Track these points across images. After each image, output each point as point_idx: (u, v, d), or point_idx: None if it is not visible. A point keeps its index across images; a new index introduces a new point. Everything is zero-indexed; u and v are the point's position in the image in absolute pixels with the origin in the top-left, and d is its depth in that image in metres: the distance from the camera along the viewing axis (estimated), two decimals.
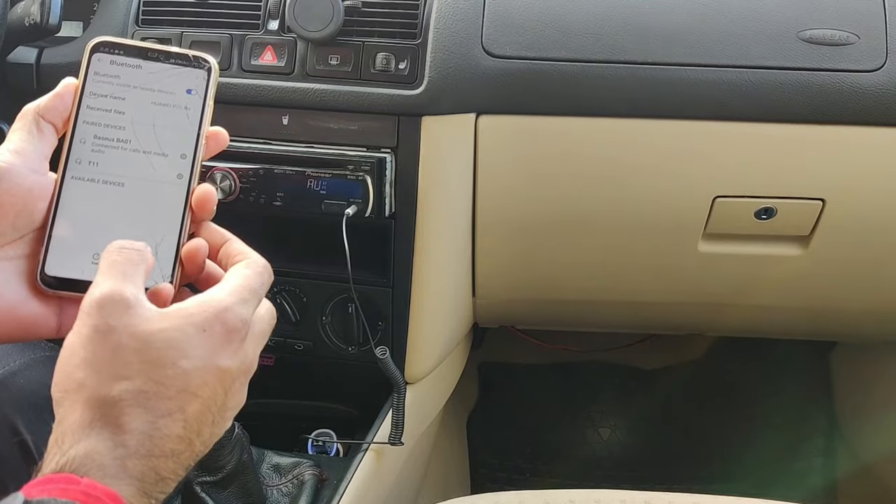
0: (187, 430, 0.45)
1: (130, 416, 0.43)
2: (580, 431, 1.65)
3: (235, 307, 0.47)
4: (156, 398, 0.44)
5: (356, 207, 0.95)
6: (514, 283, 1.16)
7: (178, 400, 0.44)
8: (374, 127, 0.96)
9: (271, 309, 0.53)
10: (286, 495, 0.96)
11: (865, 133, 0.97)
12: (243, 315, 0.47)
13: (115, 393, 0.43)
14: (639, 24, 0.95)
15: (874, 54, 0.94)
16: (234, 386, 0.48)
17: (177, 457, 0.45)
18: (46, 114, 0.50)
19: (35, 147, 0.49)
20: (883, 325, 1.28)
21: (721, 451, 1.61)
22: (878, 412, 1.50)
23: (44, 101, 0.50)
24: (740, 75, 0.94)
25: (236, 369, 0.47)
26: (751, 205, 1.03)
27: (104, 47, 0.51)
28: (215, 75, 0.52)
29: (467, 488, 1.58)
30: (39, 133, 0.49)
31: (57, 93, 0.51)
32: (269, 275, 0.52)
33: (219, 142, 0.54)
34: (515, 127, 0.98)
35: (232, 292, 0.48)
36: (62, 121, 0.50)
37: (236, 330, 0.47)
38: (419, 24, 0.95)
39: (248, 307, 0.48)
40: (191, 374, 0.45)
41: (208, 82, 0.51)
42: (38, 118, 0.50)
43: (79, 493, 0.40)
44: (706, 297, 1.20)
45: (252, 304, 0.49)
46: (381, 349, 0.99)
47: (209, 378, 0.46)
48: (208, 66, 0.52)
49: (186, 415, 0.45)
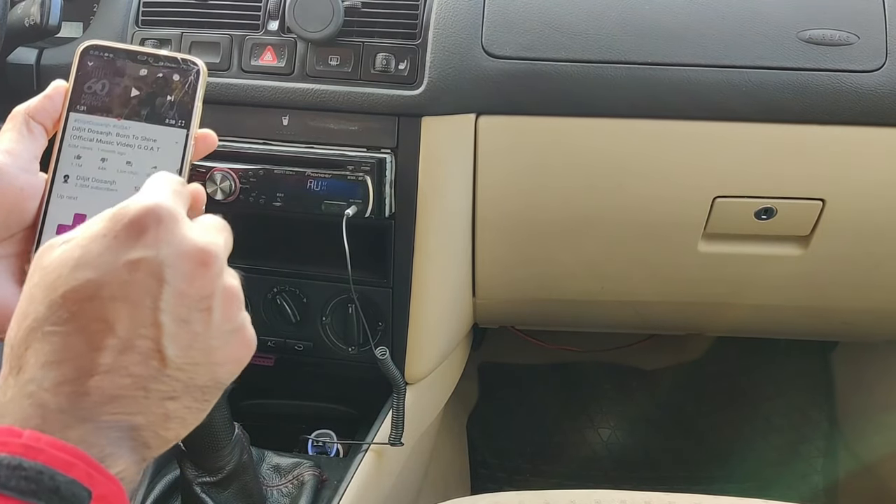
0: (125, 340, 0.41)
1: (32, 351, 0.40)
2: (580, 431, 1.65)
3: (133, 201, 0.43)
4: (50, 323, 0.40)
5: (356, 208, 0.95)
6: (514, 284, 1.16)
7: (88, 314, 0.40)
8: (374, 127, 0.96)
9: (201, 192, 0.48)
10: (286, 496, 0.96)
11: (865, 133, 0.97)
12: (145, 202, 0.42)
13: (21, 333, 0.41)
14: (638, 24, 0.95)
15: (874, 54, 0.94)
16: (178, 276, 0.42)
17: (143, 379, 0.41)
18: (36, 115, 0.50)
19: (25, 147, 0.50)
20: (883, 324, 1.28)
21: (721, 451, 1.61)
22: (879, 412, 1.50)
23: (33, 102, 0.51)
24: (740, 75, 0.94)
25: (160, 257, 0.41)
26: (751, 205, 1.03)
27: (94, 50, 0.52)
28: (203, 78, 0.52)
29: (467, 488, 1.58)
30: (30, 133, 0.50)
31: (47, 94, 0.51)
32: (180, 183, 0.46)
33: (207, 143, 0.53)
34: (515, 127, 0.98)
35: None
36: (52, 122, 0.51)
37: (139, 220, 0.42)
38: (419, 24, 0.95)
39: (155, 196, 0.43)
40: (96, 281, 0.41)
41: (197, 84, 0.52)
42: (28, 119, 0.50)
43: (18, 445, 0.38)
44: (706, 296, 1.20)
45: (161, 194, 0.44)
46: (381, 350, 0.99)
47: (124, 277, 0.41)
48: (196, 69, 0.52)
49: (111, 325, 0.41)
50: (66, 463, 0.38)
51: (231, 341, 0.44)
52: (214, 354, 0.43)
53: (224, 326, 0.44)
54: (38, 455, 0.38)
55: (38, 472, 0.37)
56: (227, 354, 0.44)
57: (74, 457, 0.39)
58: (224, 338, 0.44)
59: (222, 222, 0.47)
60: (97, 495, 0.39)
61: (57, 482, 0.38)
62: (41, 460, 0.38)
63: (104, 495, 0.39)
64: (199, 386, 0.43)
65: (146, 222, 0.42)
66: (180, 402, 0.43)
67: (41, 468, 0.37)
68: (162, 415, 0.42)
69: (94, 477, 0.39)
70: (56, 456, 0.38)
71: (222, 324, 0.44)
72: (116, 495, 0.40)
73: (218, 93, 0.97)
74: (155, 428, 0.42)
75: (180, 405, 0.43)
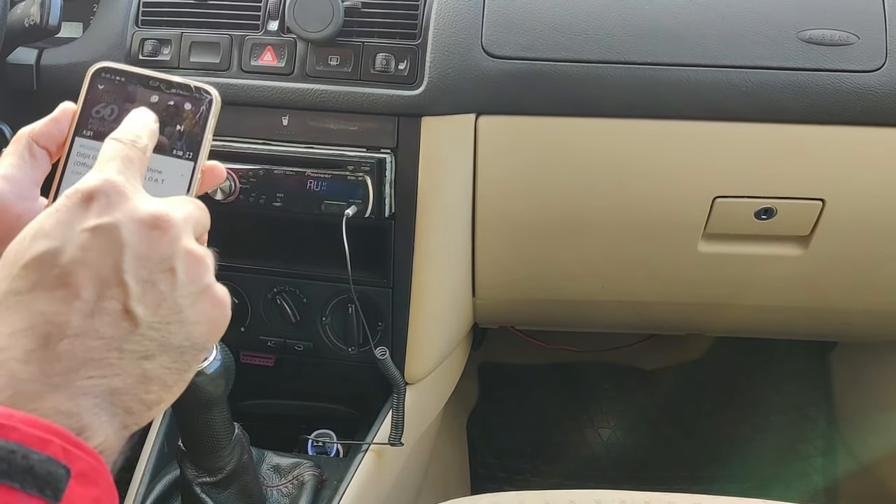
0: (92, 303, 0.40)
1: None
2: (580, 431, 1.66)
3: (84, 179, 0.43)
4: (14, 292, 0.40)
5: (356, 208, 0.95)
6: (514, 284, 1.16)
7: (51, 280, 0.40)
8: (374, 127, 0.96)
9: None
10: (286, 496, 0.96)
11: (865, 133, 0.97)
12: (95, 180, 0.43)
13: None
14: (638, 24, 0.95)
15: (874, 54, 0.94)
16: (135, 238, 0.42)
17: (115, 340, 0.41)
18: (40, 139, 0.49)
19: (26, 173, 0.49)
20: (882, 324, 1.28)
21: (721, 451, 1.61)
22: (878, 412, 1.50)
23: (39, 125, 0.49)
24: (740, 76, 0.94)
25: (116, 222, 0.42)
26: (751, 205, 1.03)
27: (105, 73, 0.50)
28: (216, 107, 0.50)
29: (467, 488, 1.58)
30: (32, 159, 0.49)
31: (53, 117, 0.50)
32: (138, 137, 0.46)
33: (215, 175, 0.53)
34: (515, 127, 0.98)
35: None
36: (56, 146, 0.50)
37: (93, 191, 0.42)
38: (419, 24, 0.95)
39: (104, 173, 0.43)
40: (55, 248, 0.41)
41: (209, 114, 0.50)
42: (32, 143, 0.49)
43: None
44: (706, 297, 1.20)
45: (110, 169, 0.44)
46: (380, 350, 0.99)
47: (83, 242, 0.41)
48: (209, 99, 0.50)
49: (76, 289, 0.40)
50: (40, 440, 0.37)
51: (200, 300, 0.44)
52: (185, 313, 0.43)
53: (190, 287, 0.44)
54: (11, 433, 0.37)
55: (11, 452, 0.36)
56: (198, 313, 0.44)
57: (49, 433, 0.38)
58: (192, 297, 0.44)
59: (191, 200, 0.48)
60: (76, 472, 0.38)
61: (31, 461, 0.37)
62: (13, 438, 0.37)
63: (83, 471, 0.38)
64: (175, 346, 0.43)
65: (98, 193, 0.42)
66: (157, 361, 0.42)
67: (13, 447, 0.36)
68: (140, 376, 0.42)
69: (72, 453, 0.38)
70: (29, 433, 0.37)
71: (188, 284, 0.44)
72: (97, 470, 0.39)
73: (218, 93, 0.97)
74: (135, 391, 0.42)
75: (157, 365, 0.42)
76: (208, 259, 0.46)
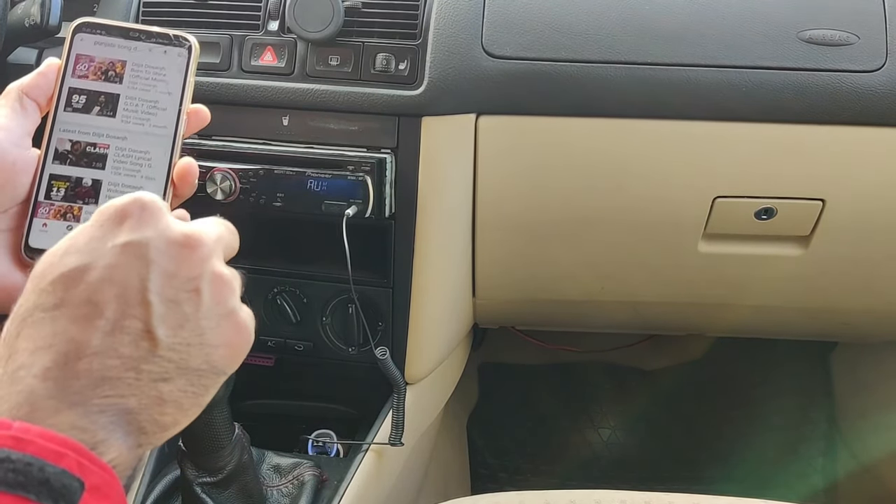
0: (114, 322, 0.41)
1: (22, 338, 0.41)
2: (580, 432, 1.66)
3: (118, 198, 0.44)
4: (40, 309, 0.41)
5: (356, 208, 0.95)
6: (514, 284, 1.16)
7: (76, 298, 0.41)
8: (374, 127, 0.96)
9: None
10: (286, 496, 0.96)
11: (865, 133, 0.97)
12: (134, 195, 0.44)
13: (14, 323, 0.41)
14: (638, 24, 0.95)
15: (874, 54, 0.94)
16: (164, 257, 0.42)
17: (134, 360, 0.41)
18: (30, 91, 0.51)
19: (18, 123, 0.50)
20: (883, 324, 1.28)
21: (721, 451, 1.61)
22: (879, 413, 1.50)
23: (27, 79, 0.52)
24: (740, 76, 0.94)
25: (145, 240, 0.42)
26: (751, 205, 1.03)
27: (87, 27, 0.53)
28: (195, 53, 0.53)
29: (467, 489, 1.58)
30: (23, 110, 0.51)
31: (40, 71, 0.52)
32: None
33: (200, 119, 0.54)
34: (515, 127, 0.98)
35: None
36: (45, 98, 0.52)
37: (124, 209, 0.43)
38: (419, 24, 0.95)
39: (140, 192, 0.44)
40: (84, 265, 0.41)
41: (189, 60, 0.53)
42: (22, 95, 0.51)
43: (7, 437, 0.38)
44: (706, 297, 1.20)
45: (146, 192, 0.45)
46: (381, 350, 0.99)
47: (111, 260, 0.41)
48: (189, 45, 0.53)
49: (100, 307, 0.41)
50: (55, 454, 0.38)
51: (223, 324, 0.44)
52: (206, 336, 0.43)
53: (215, 309, 0.44)
54: (28, 447, 0.37)
55: (27, 465, 0.37)
56: (219, 337, 0.44)
57: (65, 447, 0.38)
58: (215, 320, 0.44)
59: (222, 222, 0.48)
60: (90, 485, 0.38)
61: (46, 474, 0.37)
62: (30, 452, 0.37)
63: (97, 485, 0.39)
64: (193, 369, 0.43)
65: (131, 210, 0.43)
66: (174, 384, 0.42)
67: (30, 460, 0.37)
68: (156, 398, 0.42)
69: (86, 466, 0.38)
70: (45, 447, 0.38)
71: (213, 307, 0.44)
72: (110, 484, 0.39)
73: (218, 93, 0.97)
74: (150, 412, 0.42)
75: (174, 388, 0.42)
76: (235, 282, 0.46)
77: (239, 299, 0.46)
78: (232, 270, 0.46)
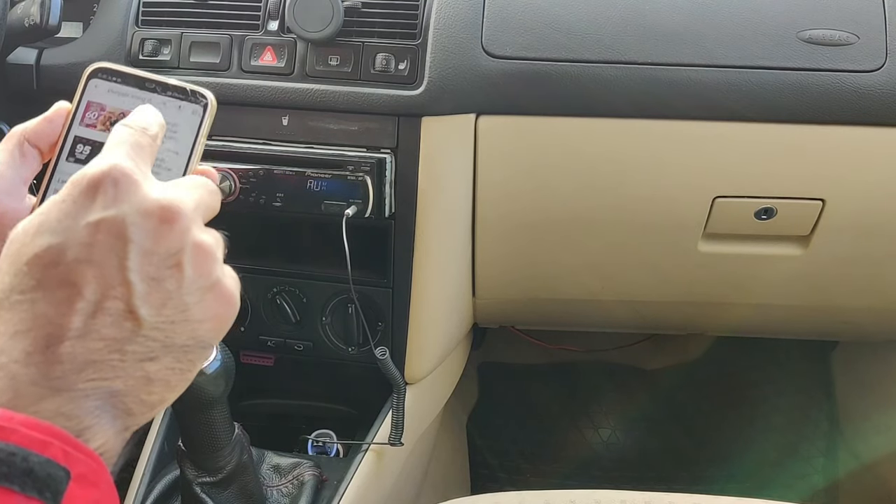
0: (95, 303, 0.40)
1: (0, 322, 0.39)
2: (580, 431, 1.65)
3: (91, 164, 0.41)
4: (17, 291, 0.40)
5: (356, 208, 0.95)
6: (514, 283, 1.16)
7: (54, 279, 0.40)
8: (374, 127, 0.96)
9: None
10: (286, 496, 0.96)
11: (865, 133, 0.97)
12: (101, 165, 0.41)
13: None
14: (639, 24, 0.95)
15: (874, 54, 0.94)
16: (141, 233, 0.41)
17: (117, 341, 0.40)
18: (33, 137, 0.49)
19: (14, 172, 0.48)
20: (883, 323, 1.28)
21: (722, 451, 1.61)
22: (879, 412, 1.50)
23: (32, 124, 0.49)
24: (740, 76, 0.94)
25: (121, 216, 0.40)
26: (751, 205, 1.03)
27: (102, 73, 0.50)
28: (211, 111, 0.50)
29: (467, 489, 1.58)
30: (22, 157, 0.48)
31: (47, 117, 0.49)
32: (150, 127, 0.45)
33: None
34: (515, 127, 0.98)
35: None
36: (49, 146, 0.49)
37: (96, 182, 0.41)
38: (419, 24, 0.95)
39: (111, 158, 0.42)
40: (58, 245, 0.40)
41: (203, 118, 0.50)
42: (24, 142, 0.48)
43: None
44: (706, 296, 1.20)
45: (118, 154, 0.42)
46: (380, 350, 0.99)
47: (86, 238, 0.40)
48: (205, 102, 0.50)
49: (79, 288, 0.39)
50: (40, 442, 0.37)
51: (207, 297, 0.43)
52: (191, 311, 0.42)
53: (198, 282, 0.42)
54: (11, 436, 0.37)
55: (10, 454, 0.36)
56: (204, 311, 0.43)
57: (50, 435, 0.37)
58: (199, 294, 0.42)
59: (202, 180, 0.46)
60: (76, 474, 0.38)
61: (30, 463, 0.36)
62: (14, 441, 0.36)
63: (83, 474, 0.38)
64: (179, 345, 0.42)
65: (104, 183, 0.41)
66: (160, 362, 0.41)
67: (13, 449, 0.36)
68: (142, 378, 0.41)
69: (72, 455, 0.38)
70: (29, 435, 0.37)
71: (196, 279, 0.42)
72: (97, 472, 0.39)
73: (218, 93, 0.95)
74: (136, 393, 0.41)
75: (161, 366, 0.41)
76: (217, 249, 0.44)
77: (222, 267, 0.44)
78: (214, 235, 0.44)
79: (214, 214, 0.46)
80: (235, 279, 0.45)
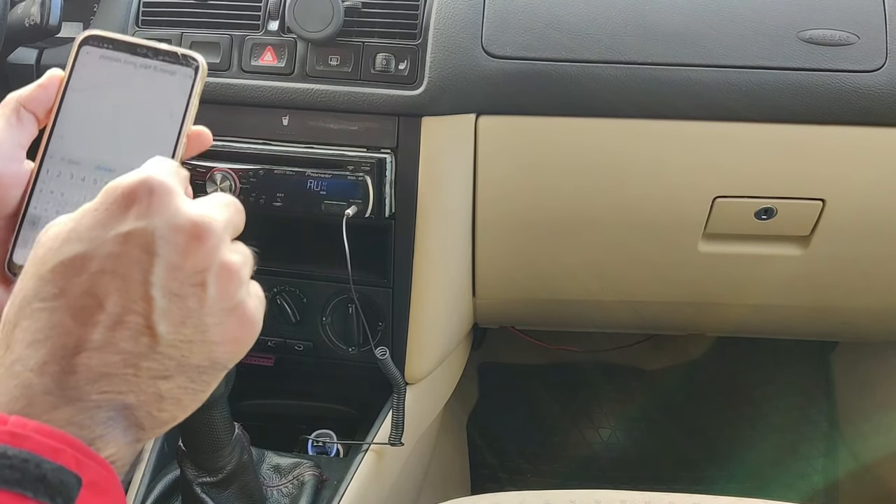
0: (115, 316, 0.39)
1: (20, 329, 0.39)
2: (580, 431, 1.65)
3: (127, 175, 0.41)
4: (39, 298, 0.39)
5: (356, 208, 0.95)
6: (514, 284, 1.16)
7: (77, 289, 0.39)
8: (374, 127, 0.96)
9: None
10: (286, 496, 0.96)
11: (865, 133, 0.97)
12: (138, 176, 0.41)
13: (12, 310, 0.40)
14: (639, 24, 0.95)
15: (874, 54, 0.94)
16: (170, 249, 0.40)
17: (133, 356, 0.40)
18: (28, 104, 0.50)
19: (12, 136, 0.49)
20: (883, 324, 1.28)
21: (721, 451, 1.61)
22: (879, 413, 1.50)
23: (27, 91, 0.50)
24: (740, 76, 0.94)
25: (151, 229, 0.40)
26: (751, 205, 1.03)
27: (93, 41, 0.51)
28: (202, 74, 0.51)
29: (467, 489, 1.58)
30: (18, 122, 0.49)
31: (41, 83, 0.50)
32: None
33: (201, 141, 0.52)
34: (515, 127, 0.98)
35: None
36: (44, 111, 0.50)
37: (131, 192, 0.40)
38: (419, 24, 0.95)
39: (149, 171, 0.42)
40: (85, 254, 0.40)
41: (195, 81, 0.50)
42: (20, 107, 0.49)
43: (4, 433, 0.37)
44: (706, 296, 1.20)
45: (155, 169, 0.42)
46: (381, 350, 0.99)
47: (113, 249, 0.40)
48: (196, 65, 0.51)
49: (101, 300, 0.39)
50: (52, 449, 0.37)
51: (228, 319, 0.42)
52: (210, 332, 0.42)
53: (220, 304, 0.42)
54: (24, 442, 0.37)
55: (24, 461, 0.36)
56: (223, 333, 0.42)
57: (62, 442, 0.37)
58: (220, 315, 0.42)
59: (230, 199, 0.46)
60: (87, 481, 0.38)
61: (43, 470, 0.36)
62: (27, 447, 0.37)
63: (94, 481, 0.38)
64: (194, 365, 0.42)
65: (138, 194, 0.41)
66: (174, 381, 0.41)
67: (27, 456, 0.36)
68: (154, 394, 0.41)
69: (84, 462, 0.38)
70: (42, 442, 0.37)
71: (218, 300, 0.42)
72: (107, 480, 0.39)
73: (218, 93, 0.97)
74: (148, 408, 0.41)
75: (174, 385, 0.41)
76: (245, 269, 0.44)
77: (247, 290, 0.44)
78: (242, 253, 0.44)
79: (240, 231, 0.46)
80: (261, 300, 0.45)
